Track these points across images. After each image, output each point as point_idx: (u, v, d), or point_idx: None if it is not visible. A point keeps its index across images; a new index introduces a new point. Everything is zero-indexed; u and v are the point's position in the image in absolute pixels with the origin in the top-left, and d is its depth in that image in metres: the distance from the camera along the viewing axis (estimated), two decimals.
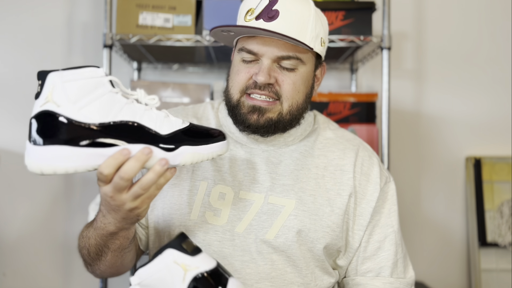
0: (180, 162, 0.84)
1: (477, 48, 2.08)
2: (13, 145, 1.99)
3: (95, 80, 0.80)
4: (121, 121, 0.80)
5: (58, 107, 0.78)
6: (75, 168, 0.79)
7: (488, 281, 1.93)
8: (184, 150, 0.84)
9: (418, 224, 2.05)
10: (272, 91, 1.02)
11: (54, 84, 0.79)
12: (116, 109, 0.80)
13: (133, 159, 0.79)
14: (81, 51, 2.01)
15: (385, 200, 1.09)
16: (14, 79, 2.00)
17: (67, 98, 0.78)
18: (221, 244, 1.02)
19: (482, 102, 2.08)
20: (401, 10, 2.04)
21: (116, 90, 0.82)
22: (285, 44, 1.01)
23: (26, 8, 2.00)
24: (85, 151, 0.78)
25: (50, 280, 2.00)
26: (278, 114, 1.03)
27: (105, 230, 0.91)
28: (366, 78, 2.08)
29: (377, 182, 1.08)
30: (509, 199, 1.98)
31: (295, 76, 1.03)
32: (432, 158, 2.07)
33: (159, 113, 0.85)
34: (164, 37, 1.62)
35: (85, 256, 1.03)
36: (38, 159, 0.78)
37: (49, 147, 0.78)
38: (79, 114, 0.78)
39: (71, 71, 0.80)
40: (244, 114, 1.03)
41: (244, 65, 1.04)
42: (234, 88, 1.05)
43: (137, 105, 0.83)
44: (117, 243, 0.95)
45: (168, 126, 0.84)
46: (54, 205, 2.01)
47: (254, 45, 1.02)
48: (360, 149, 1.13)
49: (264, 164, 1.07)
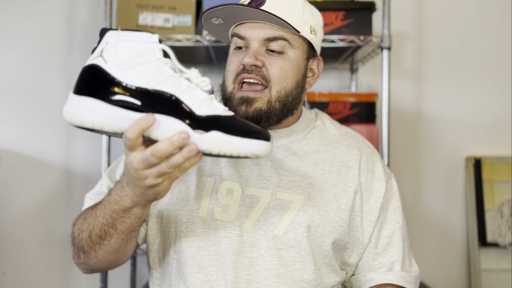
0: (207, 148, 0.78)
1: (477, 48, 2.08)
2: (13, 145, 1.99)
3: (147, 45, 0.80)
4: (160, 91, 0.79)
5: (105, 63, 0.79)
6: (101, 125, 0.79)
7: (488, 281, 1.93)
8: (214, 135, 0.78)
9: (418, 224, 2.05)
10: (259, 74, 1.02)
11: (108, 41, 0.81)
12: (159, 79, 0.79)
13: (168, 141, 0.76)
14: (81, 51, 2.01)
15: (390, 196, 1.11)
16: (14, 79, 2.00)
17: (116, 57, 0.79)
18: (230, 240, 1.01)
19: (482, 102, 2.08)
20: (401, 10, 2.04)
21: (166, 61, 0.81)
22: (272, 27, 1.03)
23: (26, 8, 2.00)
24: (115, 110, 0.78)
25: (50, 280, 2.00)
26: (267, 103, 1.03)
27: (119, 203, 0.88)
28: (366, 78, 2.08)
29: (382, 178, 1.11)
30: (509, 199, 1.98)
31: (284, 61, 1.04)
32: (432, 158, 2.07)
33: (203, 93, 0.82)
34: (164, 37, 1.62)
35: (83, 241, 0.97)
36: (71, 108, 0.80)
37: (84, 98, 0.79)
38: (122, 73, 0.79)
39: (128, 32, 0.81)
40: (234, 106, 1.04)
41: (235, 54, 1.07)
42: (228, 79, 1.07)
43: (184, 81, 0.81)
44: (127, 223, 0.91)
45: (207, 108, 0.80)
46: (54, 205, 2.01)
47: (242, 30, 1.04)
48: (363, 146, 1.14)
49: (269, 160, 1.07)
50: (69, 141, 2.01)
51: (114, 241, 0.94)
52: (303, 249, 1.02)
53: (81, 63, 2.00)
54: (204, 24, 1.08)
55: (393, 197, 1.12)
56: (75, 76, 0.82)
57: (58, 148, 2.01)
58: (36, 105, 2.00)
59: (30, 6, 2.00)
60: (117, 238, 0.94)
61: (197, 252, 1.02)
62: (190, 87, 0.81)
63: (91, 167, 2.00)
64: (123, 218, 0.90)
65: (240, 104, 1.03)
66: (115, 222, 0.91)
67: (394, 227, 1.10)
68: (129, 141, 0.78)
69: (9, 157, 1.97)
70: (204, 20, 1.06)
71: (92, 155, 2.00)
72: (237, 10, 1.01)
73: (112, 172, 1.13)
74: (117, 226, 0.92)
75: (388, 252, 1.09)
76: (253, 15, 1.02)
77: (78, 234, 0.99)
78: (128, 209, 0.88)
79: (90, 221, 0.95)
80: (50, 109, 2.00)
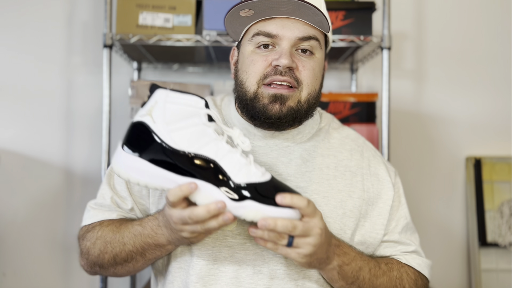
0: (241, 215, 0.84)
1: (477, 48, 2.08)
2: (13, 145, 1.99)
3: (193, 109, 0.85)
4: (202, 156, 0.83)
5: (154, 123, 0.85)
6: (146, 183, 0.85)
7: (488, 281, 1.93)
8: (249, 205, 0.83)
9: (418, 224, 2.03)
10: (292, 76, 0.98)
11: (158, 100, 0.86)
12: (202, 143, 0.84)
13: (206, 209, 0.82)
14: (81, 51, 2.01)
15: (398, 196, 1.11)
16: (14, 79, 2.00)
17: (163, 118, 0.84)
18: (232, 250, 0.99)
19: (482, 102, 2.08)
20: (401, 10, 2.04)
21: (210, 124, 0.85)
22: (305, 25, 0.99)
23: (26, 8, 2.00)
24: (159, 172, 0.84)
25: (50, 280, 2.00)
26: (297, 102, 0.99)
27: (155, 239, 0.93)
28: (366, 78, 2.08)
29: (388, 181, 1.09)
30: (509, 199, 1.98)
31: (314, 62, 1.01)
32: (432, 158, 2.07)
33: (242, 159, 0.85)
34: (164, 37, 1.62)
35: (104, 260, 1.00)
36: (119, 163, 0.86)
37: (131, 156, 0.85)
38: (168, 136, 0.84)
39: (177, 94, 0.86)
40: (265, 105, 0.98)
41: (259, 54, 1.00)
42: (251, 80, 1.00)
43: (224, 145, 0.85)
44: (156, 254, 0.96)
45: (244, 175, 0.84)
46: (54, 205, 2.01)
47: (273, 27, 0.98)
48: (364, 149, 1.12)
49: (273, 165, 1.04)
50: (69, 141, 2.01)
51: (139, 265, 0.99)
52: None
53: (81, 63, 2.01)
54: (230, 14, 1.00)
55: (401, 195, 1.12)
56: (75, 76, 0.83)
57: (58, 148, 2.01)
58: (36, 105, 2.00)
59: (30, 6, 2.00)
60: (143, 263, 0.99)
61: (196, 262, 0.99)
62: (230, 152, 0.85)
63: (91, 167, 2.00)
64: (154, 250, 0.95)
65: (273, 102, 0.98)
66: (145, 252, 0.95)
67: (403, 223, 1.10)
68: (172, 203, 0.84)
69: (9, 157, 1.97)
70: (234, 10, 0.99)
71: (92, 155, 2.00)
72: (274, 2, 0.95)
73: (111, 177, 1.10)
74: (146, 255, 0.96)
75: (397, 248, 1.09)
76: (291, 10, 0.96)
77: (99, 254, 1.00)
78: (162, 246, 0.94)
79: (116, 246, 0.98)
80: (50, 109, 2.00)
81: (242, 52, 1.05)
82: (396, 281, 1.02)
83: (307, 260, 0.89)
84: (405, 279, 1.03)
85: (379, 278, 1.00)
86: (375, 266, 1.00)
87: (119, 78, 2.01)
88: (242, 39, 1.06)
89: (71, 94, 2.01)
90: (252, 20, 1.01)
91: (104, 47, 1.64)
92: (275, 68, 0.98)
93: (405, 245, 1.09)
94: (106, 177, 1.12)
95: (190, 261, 1.00)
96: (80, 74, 2.01)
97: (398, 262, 1.06)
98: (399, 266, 1.05)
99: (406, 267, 1.05)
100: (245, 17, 0.99)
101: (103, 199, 1.08)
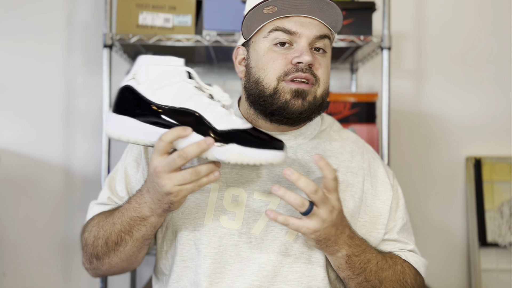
0: (226, 159, 0.88)
1: (477, 48, 2.08)
2: (13, 145, 1.99)
3: (174, 68, 0.91)
4: (185, 108, 0.89)
5: (138, 85, 0.91)
6: (136, 139, 0.90)
7: (488, 281, 1.93)
8: (232, 148, 0.88)
9: (418, 224, 2.04)
10: (312, 73, 1.00)
11: (140, 64, 0.92)
12: (184, 97, 0.90)
13: (195, 144, 0.85)
14: (81, 51, 2.01)
15: (396, 197, 1.12)
16: (14, 79, 2.00)
17: (147, 79, 0.91)
18: (238, 248, 1.00)
19: (482, 102, 2.08)
20: (401, 10, 2.04)
21: (190, 81, 0.91)
22: (320, 24, 1.01)
23: (26, 8, 2.00)
24: (148, 127, 0.89)
25: (50, 280, 2.00)
26: (314, 98, 1.01)
27: (138, 211, 0.94)
28: (366, 78, 2.08)
29: (386, 182, 1.11)
30: (509, 199, 1.98)
31: (327, 60, 1.04)
32: (432, 158, 2.07)
33: (223, 109, 0.91)
34: (164, 37, 1.62)
35: (98, 247, 1.01)
36: (110, 125, 0.92)
37: (121, 116, 0.91)
38: (152, 94, 0.90)
39: (158, 57, 0.92)
40: (287, 100, 0.99)
41: (277, 52, 1.00)
42: (270, 77, 1.00)
43: (205, 98, 0.91)
44: (142, 230, 0.96)
45: (226, 123, 0.89)
46: (54, 205, 2.01)
47: (291, 24, 0.99)
48: (365, 151, 1.14)
49: (278, 167, 1.04)
50: (69, 141, 2.01)
51: (128, 248, 0.99)
52: (313, 255, 1.02)
53: (81, 63, 2.01)
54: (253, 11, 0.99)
55: (399, 197, 1.13)
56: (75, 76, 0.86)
57: (58, 148, 2.01)
58: (36, 105, 2.00)
59: (30, 6, 2.00)
60: (132, 245, 0.98)
61: (203, 261, 1.00)
62: (211, 104, 0.91)
63: (91, 167, 2.00)
64: (139, 225, 0.96)
65: (295, 97, 0.99)
66: (132, 229, 0.96)
67: (400, 224, 1.11)
68: (163, 142, 0.86)
69: (9, 157, 1.97)
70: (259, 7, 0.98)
71: (92, 155, 2.00)
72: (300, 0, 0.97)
73: (113, 179, 1.13)
74: (133, 233, 0.97)
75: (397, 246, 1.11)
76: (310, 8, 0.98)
77: (93, 241, 1.02)
78: (145, 217, 0.94)
79: (107, 228, 1.00)
80: (50, 109, 2.00)
81: (256, 49, 1.04)
82: (399, 275, 1.03)
83: (316, 236, 0.91)
84: (407, 274, 1.05)
85: (385, 271, 1.01)
86: (382, 259, 1.02)
87: (119, 78, 2.00)
88: (252, 36, 1.05)
89: (71, 94, 2.01)
90: (272, 17, 1.01)
91: (104, 47, 1.64)
92: (296, 66, 0.99)
93: (403, 244, 1.11)
94: (107, 180, 1.14)
95: (197, 260, 1.01)
96: (80, 74, 2.01)
97: (400, 257, 1.08)
98: (401, 261, 1.07)
99: (407, 263, 1.07)
100: (267, 13, 1.00)
101: (102, 197, 1.12)
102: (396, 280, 1.02)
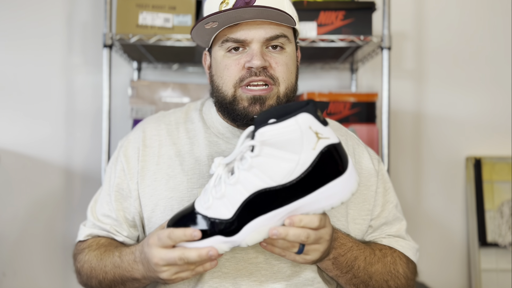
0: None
1: (477, 48, 2.08)
2: (13, 145, 1.99)
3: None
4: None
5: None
6: None
7: (488, 281, 1.93)
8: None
9: (418, 224, 2.04)
10: (267, 75, 0.99)
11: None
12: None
13: (197, 253, 0.83)
14: (81, 51, 2.01)
15: (382, 182, 1.13)
16: (14, 79, 2.00)
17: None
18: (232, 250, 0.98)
19: (482, 102, 2.08)
20: (401, 10, 2.04)
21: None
22: (270, 25, 0.99)
23: (26, 8, 2.00)
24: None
25: (50, 280, 2.00)
26: (276, 99, 1.00)
27: (130, 273, 0.96)
28: (366, 78, 2.08)
29: (371, 168, 1.11)
30: (509, 199, 1.98)
31: (286, 57, 1.02)
32: (432, 158, 2.07)
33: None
34: (164, 37, 1.62)
35: (92, 284, 1.04)
36: None
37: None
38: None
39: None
40: (245, 107, 0.99)
41: (230, 58, 1.01)
42: (227, 84, 1.01)
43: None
44: (135, 285, 0.99)
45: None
46: (54, 205, 2.01)
47: (240, 33, 0.99)
48: (348, 138, 1.14)
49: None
50: (69, 141, 2.01)
51: None
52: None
53: (81, 63, 2.01)
54: (195, 30, 1.01)
55: (385, 181, 1.13)
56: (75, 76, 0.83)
57: (58, 148, 2.01)
58: (36, 105, 2.00)
59: (30, 6, 2.00)
60: None
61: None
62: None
63: (91, 167, 2.00)
64: (132, 282, 0.98)
65: (253, 104, 0.99)
66: (125, 283, 0.99)
67: (388, 208, 1.12)
68: (170, 241, 0.84)
69: (9, 157, 1.97)
70: (199, 25, 1.00)
71: (92, 155, 2.00)
72: (238, 12, 0.96)
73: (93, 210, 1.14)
74: (126, 285, 0.99)
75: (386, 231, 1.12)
76: (255, 15, 0.97)
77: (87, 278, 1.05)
78: (137, 280, 0.96)
79: (99, 273, 1.02)
80: (50, 109, 2.00)
81: (214, 57, 1.05)
82: (390, 266, 1.04)
83: (312, 263, 0.92)
84: (398, 263, 1.06)
85: (373, 265, 1.02)
86: (370, 253, 1.02)
87: (119, 78, 2.01)
88: (212, 44, 1.06)
89: (71, 94, 2.01)
90: (218, 29, 1.01)
91: (104, 47, 1.64)
92: (249, 70, 0.99)
93: (389, 226, 1.11)
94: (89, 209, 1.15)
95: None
96: (80, 74, 2.01)
97: (390, 248, 1.08)
98: (391, 251, 1.07)
99: (397, 252, 1.08)
100: (210, 28, 1.00)
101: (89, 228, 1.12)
102: (386, 272, 1.03)
